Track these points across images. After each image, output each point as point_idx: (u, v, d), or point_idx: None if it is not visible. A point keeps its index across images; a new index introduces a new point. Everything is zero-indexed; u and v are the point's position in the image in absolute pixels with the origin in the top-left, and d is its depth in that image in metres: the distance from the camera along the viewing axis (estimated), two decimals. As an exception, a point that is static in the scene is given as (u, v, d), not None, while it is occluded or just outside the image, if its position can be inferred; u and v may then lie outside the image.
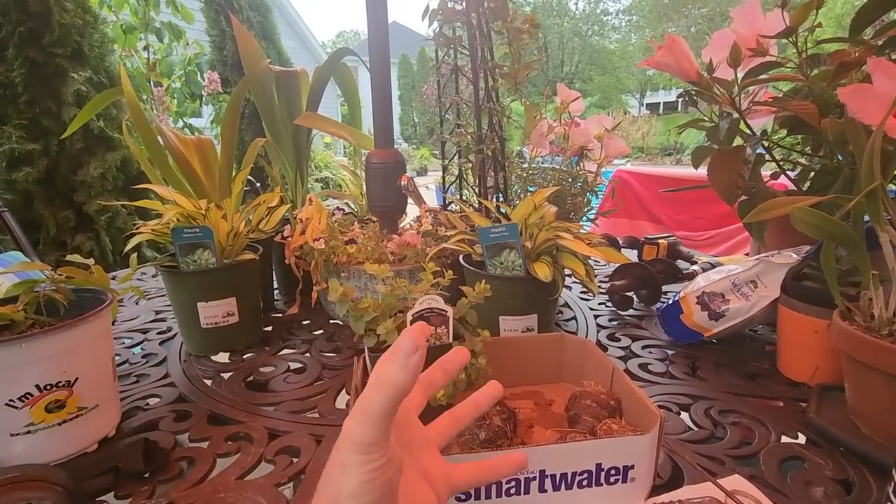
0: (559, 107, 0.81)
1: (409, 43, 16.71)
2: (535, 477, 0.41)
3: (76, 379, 0.50)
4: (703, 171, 0.73)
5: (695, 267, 1.02)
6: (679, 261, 1.07)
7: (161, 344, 0.81)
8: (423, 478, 0.31)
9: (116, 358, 0.75)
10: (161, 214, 0.75)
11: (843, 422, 0.52)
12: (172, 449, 0.52)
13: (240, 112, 0.97)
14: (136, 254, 0.71)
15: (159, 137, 0.87)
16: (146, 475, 0.48)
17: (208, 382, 0.67)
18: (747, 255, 1.10)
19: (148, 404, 0.63)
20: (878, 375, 0.47)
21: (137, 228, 0.73)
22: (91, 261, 0.62)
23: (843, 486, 0.45)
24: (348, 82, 1.15)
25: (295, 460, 0.50)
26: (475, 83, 0.80)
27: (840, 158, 0.68)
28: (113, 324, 0.90)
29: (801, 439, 0.52)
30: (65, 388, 0.49)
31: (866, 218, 0.50)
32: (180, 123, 3.07)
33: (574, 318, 0.89)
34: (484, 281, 0.53)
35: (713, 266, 0.99)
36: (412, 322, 0.49)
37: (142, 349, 0.80)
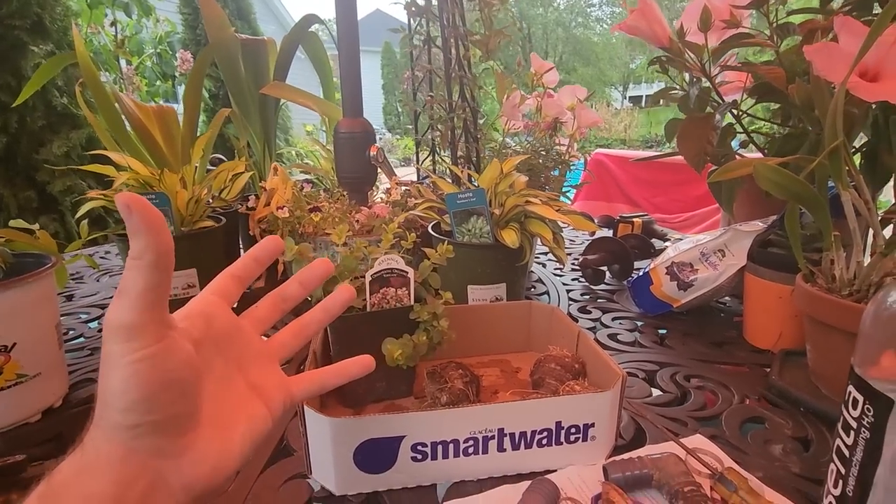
0: (532, 75, 0.79)
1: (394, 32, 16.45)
2: (494, 436, 0.40)
3: (14, 344, 0.47)
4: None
5: (668, 243, 1.03)
6: (654, 239, 1.07)
7: (119, 318, 0.78)
8: (254, 392, 0.29)
9: (71, 332, 0.72)
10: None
11: (803, 383, 0.52)
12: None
13: (203, 80, 0.93)
14: (86, 221, 0.68)
15: (116, 104, 0.83)
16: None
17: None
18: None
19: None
20: (838, 334, 0.47)
21: (89, 194, 0.70)
22: (36, 225, 0.59)
23: (802, 444, 0.45)
24: (318, 52, 1.11)
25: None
26: (445, 50, 0.78)
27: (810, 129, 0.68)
28: (70, 299, 0.87)
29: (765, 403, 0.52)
30: (1, 353, 0.46)
31: (832, 184, 0.50)
32: (151, 104, 2.97)
33: (546, 292, 0.88)
34: (447, 242, 0.52)
35: (685, 242, 0.99)
36: (371, 283, 0.48)
37: (98, 324, 0.77)
